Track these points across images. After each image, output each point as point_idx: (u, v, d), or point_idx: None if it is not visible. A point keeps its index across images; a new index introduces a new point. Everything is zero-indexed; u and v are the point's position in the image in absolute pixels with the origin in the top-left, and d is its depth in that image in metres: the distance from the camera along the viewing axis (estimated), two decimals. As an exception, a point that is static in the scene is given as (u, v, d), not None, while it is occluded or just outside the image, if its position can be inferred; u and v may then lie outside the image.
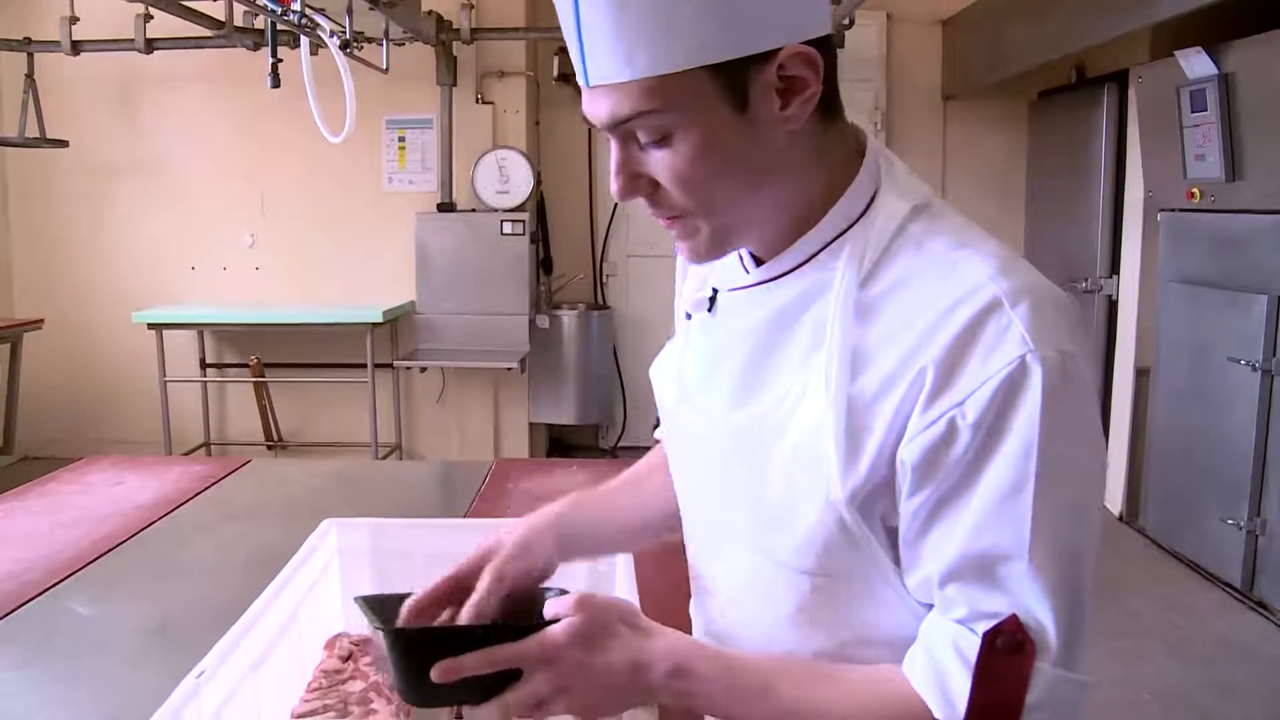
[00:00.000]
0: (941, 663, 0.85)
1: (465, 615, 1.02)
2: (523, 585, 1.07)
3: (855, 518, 0.87)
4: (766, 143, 0.88)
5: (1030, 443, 0.81)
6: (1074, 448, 0.84)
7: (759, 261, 0.99)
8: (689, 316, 1.08)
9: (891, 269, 0.89)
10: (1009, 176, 6.03)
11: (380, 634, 0.93)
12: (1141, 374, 4.72)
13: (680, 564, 1.15)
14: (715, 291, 1.04)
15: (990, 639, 0.83)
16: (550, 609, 0.92)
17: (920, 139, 6.08)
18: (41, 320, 5.43)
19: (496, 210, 5.61)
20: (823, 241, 0.93)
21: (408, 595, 1.07)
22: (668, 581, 1.28)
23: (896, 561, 0.89)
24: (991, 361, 0.82)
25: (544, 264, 6.19)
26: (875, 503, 0.87)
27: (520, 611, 1.03)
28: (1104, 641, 3.65)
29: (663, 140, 0.88)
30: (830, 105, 0.92)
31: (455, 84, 5.61)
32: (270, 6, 2.67)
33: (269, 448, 5.97)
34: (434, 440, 6.07)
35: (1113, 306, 5.05)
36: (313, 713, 1.21)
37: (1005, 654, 0.83)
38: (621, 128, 0.89)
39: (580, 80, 0.89)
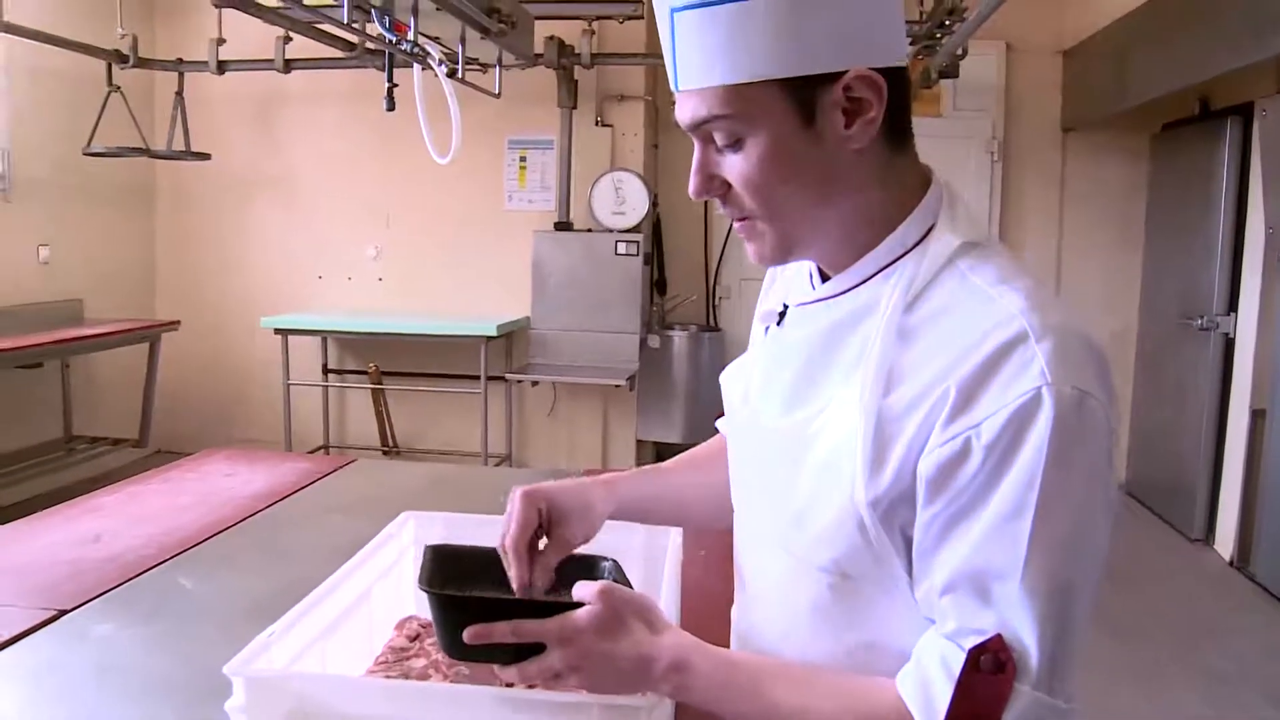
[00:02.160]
0: (928, 674, 0.90)
1: (523, 576, 1.11)
2: (558, 518, 1.17)
3: (875, 522, 0.93)
4: (831, 158, 0.96)
5: (1034, 472, 0.85)
6: (1075, 484, 0.87)
7: (825, 279, 1.06)
8: (766, 331, 1.16)
9: (935, 297, 0.96)
10: (1128, 210, 5.93)
11: (426, 593, 1.03)
12: (1257, 415, 4.60)
13: (726, 570, 1.23)
14: (785, 307, 1.11)
15: (975, 656, 0.87)
16: (578, 592, 1.00)
17: (1038, 170, 6.02)
18: (178, 322, 5.72)
19: (612, 230, 5.69)
20: (879, 265, 1.00)
21: (482, 549, 1.17)
22: (713, 586, 1.35)
23: (911, 573, 0.94)
24: (1010, 390, 0.87)
25: (658, 285, 6.26)
26: (896, 512, 0.93)
27: (572, 573, 1.12)
28: (1202, 685, 3.58)
29: (736, 144, 0.97)
30: (898, 133, 0.99)
31: (576, 106, 5.73)
32: (387, 35, 2.82)
33: (384, 453, 6.14)
34: (543, 452, 6.17)
35: (1229, 345, 4.93)
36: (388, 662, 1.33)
37: (987, 672, 0.86)
38: (700, 129, 0.98)
39: (671, 85, 1.00)
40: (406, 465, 4.29)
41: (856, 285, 1.01)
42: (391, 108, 3.26)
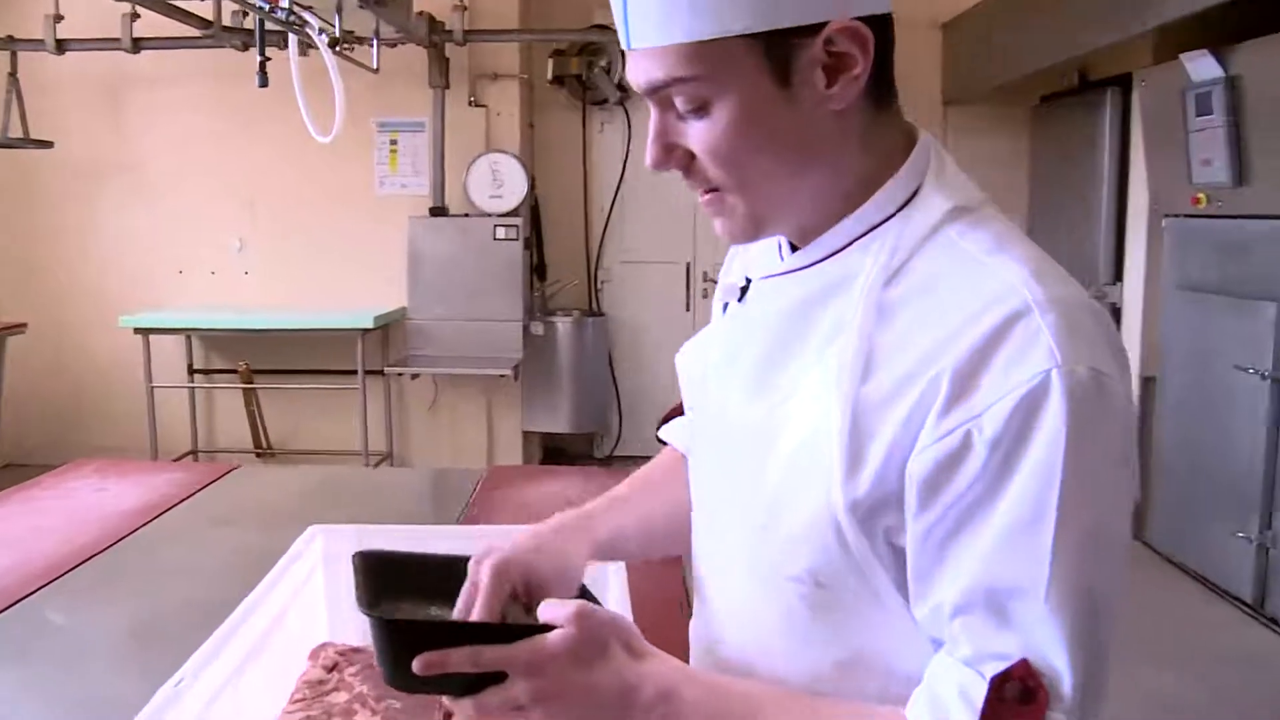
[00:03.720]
0: (946, 708, 0.80)
1: (471, 615, 1.00)
2: (537, 587, 1.04)
3: (854, 529, 0.83)
4: (808, 121, 0.86)
5: (1052, 469, 0.76)
6: (1101, 477, 0.78)
7: (795, 250, 0.96)
8: (725, 308, 1.06)
9: (921, 268, 0.86)
10: (1010, 183, 6.01)
11: (369, 618, 0.90)
12: (1147, 382, 4.69)
13: (677, 581, 1.13)
14: (749, 281, 1.01)
15: (998, 684, 0.77)
16: (545, 613, 0.88)
17: (921, 144, 6.04)
18: (25, 324, 5.41)
19: (490, 215, 5.59)
20: (856, 232, 0.90)
21: (419, 556, 1.07)
22: (663, 599, 1.25)
23: (898, 585, 0.85)
24: (1014, 373, 0.77)
25: (538, 270, 6.18)
26: (879, 518, 0.83)
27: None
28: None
29: (700, 110, 0.86)
30: (882, 90, 0.89)
31: (448, 86, 5.59)
32: (259, 4, 2.64)
33: (258, 455, 5.94)
34: (426, 449, 6.05)
35: (1117, 314, 5.03)
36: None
37: (1015, 702, 0.77)
38: (659, 94, 0.87)
39: (622, 42, 0.88)
40: (291, 470, 4.15)
41: (830, 255, 0.91)
42: (264, 84, 3.07)
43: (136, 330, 5.44)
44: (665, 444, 1.27)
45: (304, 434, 6.04)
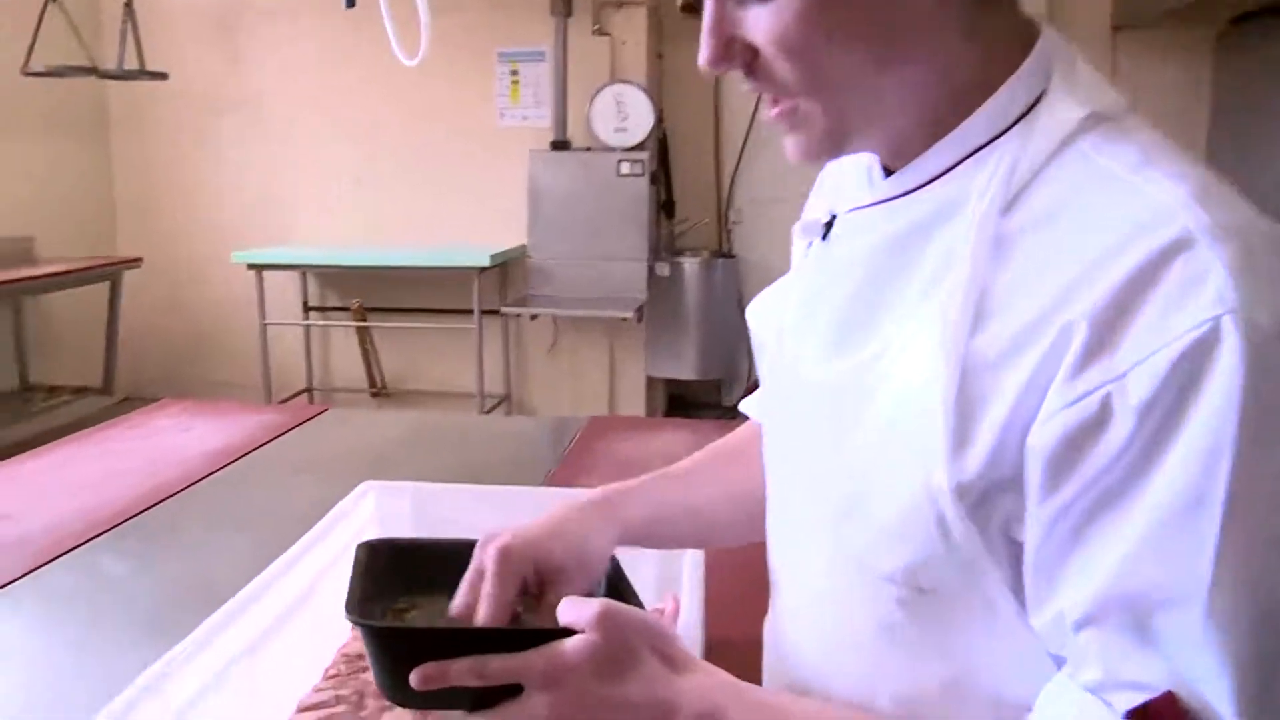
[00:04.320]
0: None
1: (479, 616, 0.89)
2: (551, 577, 0.94)
3: (962, 518, 0.70)
4: (898, 2, 0.72)
5: (1220, 443, 0.61)
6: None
7: (889, 174, 0.82)
8: (809, 248, 0.93)
9: (1047, 191, 0.71)
10: (1188, 116, 5.64)
11: (355, 624, 0.82)
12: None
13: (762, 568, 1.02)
14: (834, 216, 0.88)
15: None
16: (565, 613, 0.78)
17: (1084, 72, 5.72)
18: (140, 259, 5.50)
19: (614, 149, 5.48)
20: (966, 149, 0.75)
21: (430, 543, 1.01)
22: (743, 590, 1.14)
23: (1015, 588, 0.71)
24: (1172, 320, 0.62)
25: (665, 207, 6.03)
26: (993, 504, 0.69)
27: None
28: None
29: None
30: None
31: (570, 14, 5.47)
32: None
33: (373, 395, 6.00)
34: (545, 393, 6.02)
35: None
36: (322, 704, 1.11)
37: None
38: None
39: None
40: (387, 414, 4.16)
41: (933, 179, 0.77)
42: (351, 4, 3.00)
43: (250, 266, 5.50)
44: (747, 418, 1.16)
45: (419, 375, 6.05)
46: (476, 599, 0.90)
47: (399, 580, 0.95)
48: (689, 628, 1.02)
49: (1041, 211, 0.71)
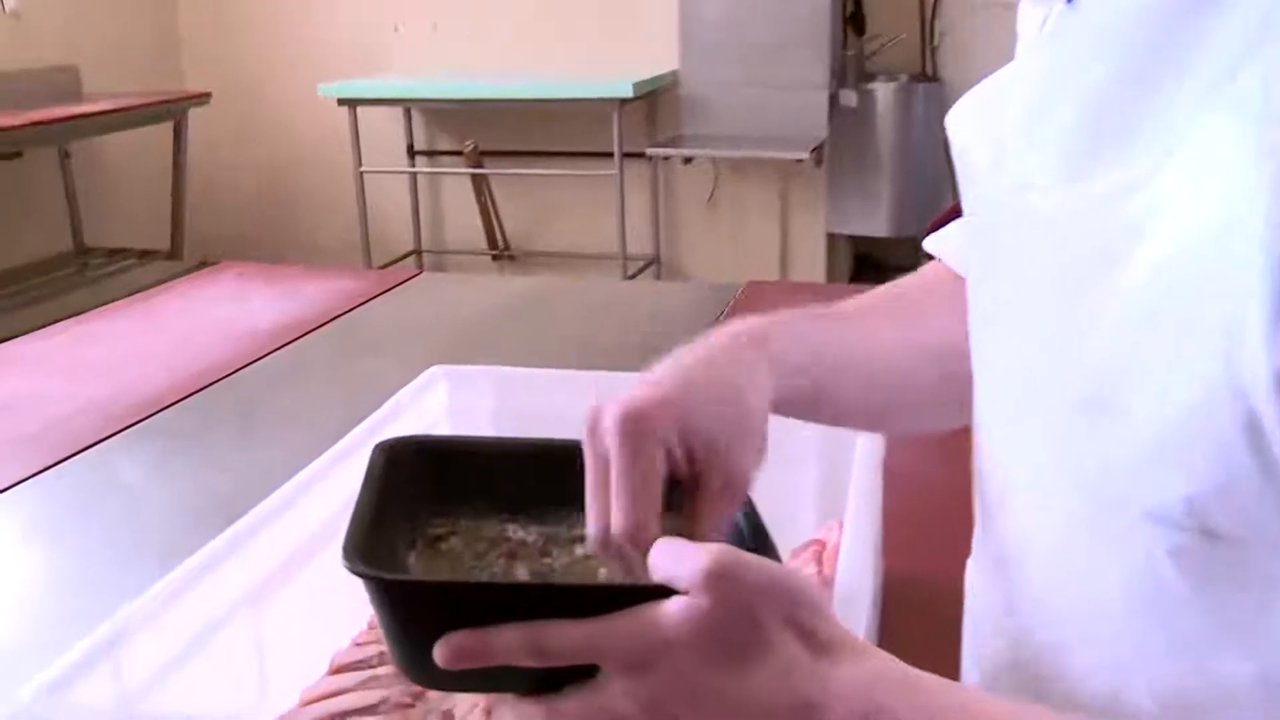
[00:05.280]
0: None
1: (615, 526, 0.77)
2: (702, 452, 0.80)
3: None
4: None
5: None
6: None
7: None
8: (1044, 24, 0.81)
9: None
10: None
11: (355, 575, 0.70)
12: None
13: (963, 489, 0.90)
14: None
15: None
16: (664, 561, 0.66)
17: None
18: (209, 94, 5.56)
19: (787, -54, 5.38)
20: None
21: (483, 444, 0.93)
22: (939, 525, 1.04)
23: None
24: None
25: (852, 21, 5.86)
26: None
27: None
28: None
29: None
30: None
31: None
32: None
33: (493, 258, 6.06)
34: (702, 254, 6.00)
35: None
36: (361, 662, 1.04)
37: None
38: None
39: None
40: (496, 280, 4.13)
41: None
42: None
43: (341, 102, 5.53)
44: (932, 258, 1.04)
45: (549, 233, 6.10)
46: (608, 520, 0.77)
47: (433, 499, 0.85)
48: (853, 580, 0.90)
49: None
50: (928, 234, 1.05)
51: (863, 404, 0.99)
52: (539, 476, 0.84)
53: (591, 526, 0.78)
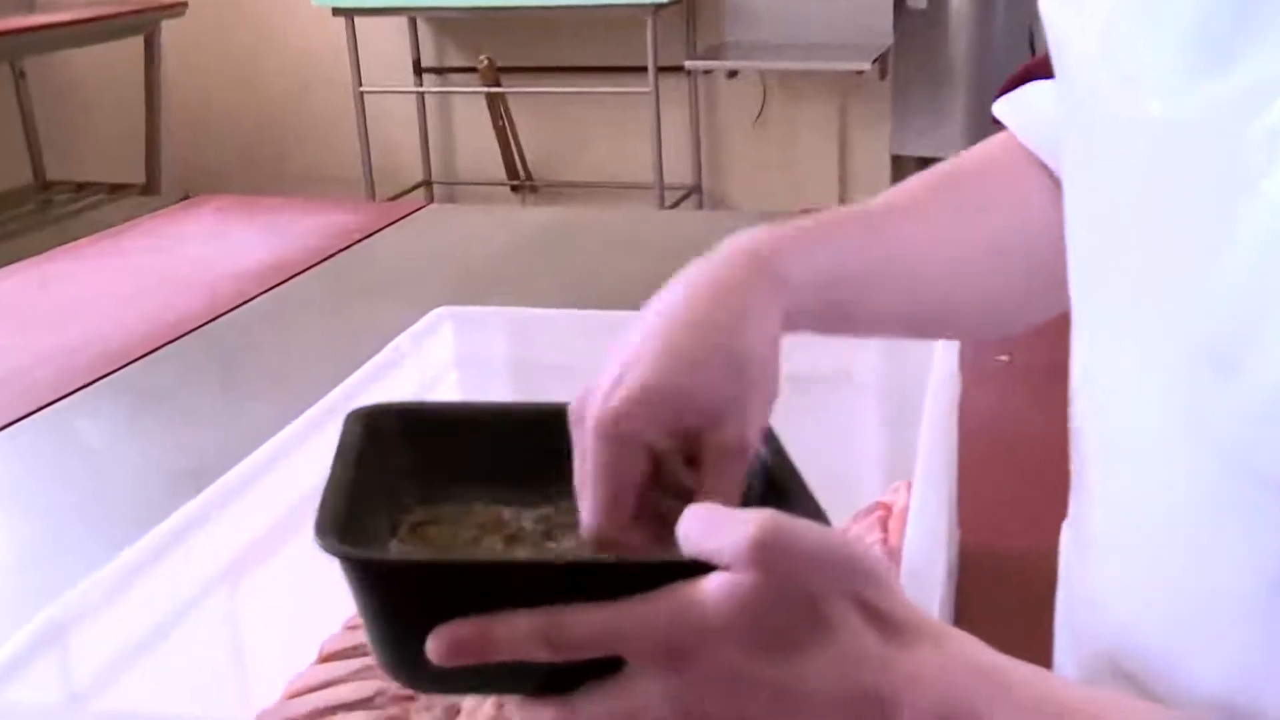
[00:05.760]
0: None
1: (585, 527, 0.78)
2: (711, 427, 0.80)
3: None
4: None
5: None
6: None
7: None
8: None
9: None
10: None
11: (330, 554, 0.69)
12: None
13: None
14: None
15: None
16: (700, 532, 0.65)
17: None
18: (184, 3, 5.53)
19: None
20: None
21: (471, 411, 0.97)
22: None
23: None
24: None
25: (921, -96, 5.87)
26: None
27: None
28: None
29: None
30: None
31: None
32: None
33: (513, 189, 6.06)
34: (749, 181, 6.00)
35: None
36: (354, 649, 1.04)
37: None
38: None
39: None
40: (510, 212, 4.14)
41: None
42: None
43: (337, 11, 5.54)
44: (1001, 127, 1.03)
45: (576, 159, 6.11)
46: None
47: (417, 478, 0.84)
48: (923, 552, 0.88)
49: None
50: (998, 97, 1.03)
51: (906, 314, 0.99)
52: (540, 448, 0.83)
53: (586, 522, 0.79)
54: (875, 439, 1.21)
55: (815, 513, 0.76)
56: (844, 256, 0.91)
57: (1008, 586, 1.01)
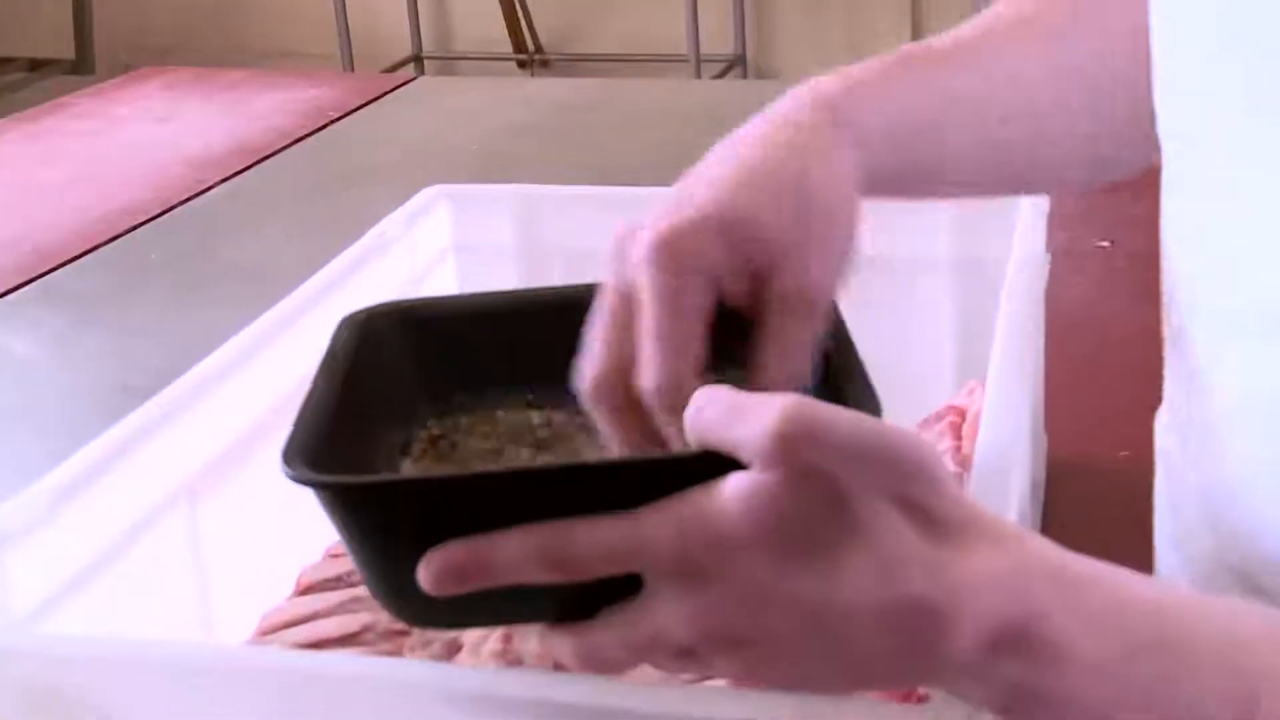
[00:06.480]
0: None
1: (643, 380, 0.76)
2: (775, 271, 0.80)
3: None
4: None
5: None
6: None
7: None
8: None
9: None
10: None
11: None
12: None
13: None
14: None
15: None
16: (719, 420, 0.65)
17: None
18: None
19: None
20: None
21: (477, 302, 0.96)
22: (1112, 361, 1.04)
23: None
24: None
25: None
26: None
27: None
28: None
29: None
30: None
31: None
32: None
33: (520, 64, 6.08)
34: (803, 50, 6.00)
35: None
36: (330, 581, 1.07)
37: None
38: None
39: None
40: (516, 84, 4.13)
41: None
42: None
43: None
44: None
45: (595, 27, 6.14)
46: (619, 361, 0.77)
47: (428, 385, 0.86)
48: (1000, 459, 0.89)
49: None
50: None
51: (985, 166, 1.00)
52: (571, 338, 0.80)
53: (588, 369, 0.77)
54: (949, 330, 1.21)
55: (867, 399, 0.76)
56: (916, 107, 0.92)
57: (1104, 506, 1.02)
